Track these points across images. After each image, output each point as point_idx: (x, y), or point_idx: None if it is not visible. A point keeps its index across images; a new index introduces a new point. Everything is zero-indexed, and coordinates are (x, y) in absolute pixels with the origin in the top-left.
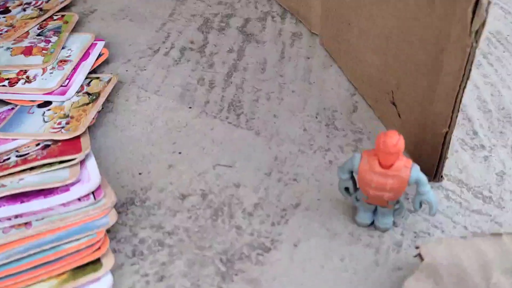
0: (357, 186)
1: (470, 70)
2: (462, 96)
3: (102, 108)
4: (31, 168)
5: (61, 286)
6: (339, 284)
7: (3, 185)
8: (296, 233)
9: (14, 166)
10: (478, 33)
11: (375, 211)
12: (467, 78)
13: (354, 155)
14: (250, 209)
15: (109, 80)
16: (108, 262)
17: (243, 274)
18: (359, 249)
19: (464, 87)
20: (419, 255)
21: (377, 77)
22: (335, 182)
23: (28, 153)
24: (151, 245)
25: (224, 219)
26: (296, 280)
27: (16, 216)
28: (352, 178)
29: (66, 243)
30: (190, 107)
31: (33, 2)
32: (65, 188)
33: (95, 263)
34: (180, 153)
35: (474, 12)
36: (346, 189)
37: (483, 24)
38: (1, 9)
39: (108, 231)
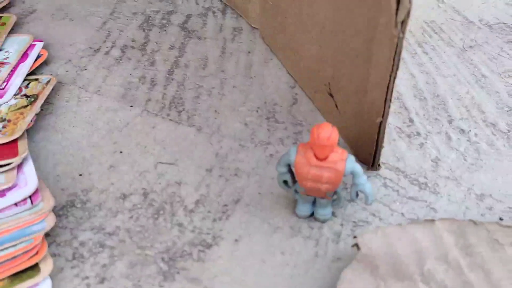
0: (295, 179)
1: (399, 60)
2: (393, 86)
3: (41, 110)
4: None
5: None
6: (280, 278)
7: None
8: (237, 229)
9: None
10: (404, 23)
11: (314, 203)
12: (397, 68)
13: (290, 149)
14: (192, 207)
15: (48, 81)
16: (47, 267)
17: (185, 272)
18: (300, 242)
19: (395, 77)
20: (356, 245)
21: (314, 69)
22: (275, 176)
23: None
24: (92, 248)
25: (166, 218)
26: (237, 276)
27: None
28: (290, 171)
29: (1, 250)
30: (131, 106)
31: None
32: (1, 193)
33: (33, 269)
34: (121, 152)
35: (398, 3)
36: (285, 182)
37: (408, 15)
38: None
39: (47, 235)
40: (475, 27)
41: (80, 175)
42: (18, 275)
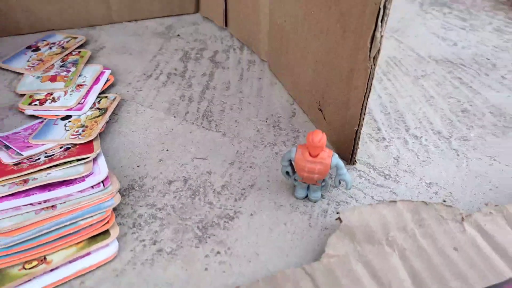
0: (295, 170)
1: (371, 85)
2: (367, 104)
3: (109, 119)
4: (56, 165)
5: (79, 252)
6: (283, 242)
7: (34, 178)
8: (252, 206)
9: (43, 164)
10: (375, 58)
11: (308, 188)
12: (370, 91)
13: (291, 149)
14: (219, 190)
15: (115, 99)
16: (114, 232)
17: (214, 237)
18: (298, 216)
19: (368, 97)
20: (339, 219)
21: (308, 91)
22: (279, 168)
23: (53, 154)
24: (147, 219)
25: (200, 198)
26: (252, 240)
27: (45, 201)
28: (291, 165)
29: (82, 219)
30: (174, 117)
31: (57, 42)
32: (82, 179)
33: (105, 234)
34: (167, 150)
35: (371, 43)
36: (287, 173)
37: (378, 52)
38: (33, 48)
39: (114, 209)
40: (425, 61)
41: (138, 166)
42: (94, 238)
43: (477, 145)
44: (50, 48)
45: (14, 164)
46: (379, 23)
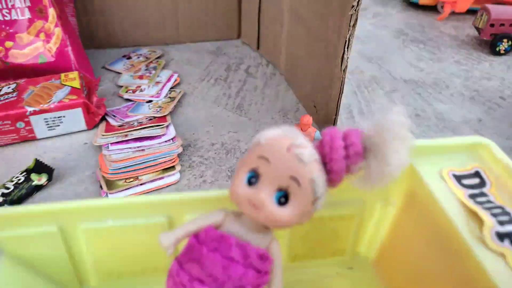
0: None
1: (342, 89)
2: (340, 101)
3: (176, 104)
4: (144, 128)
5: (157, 176)
6: None
7: (131, 134)
8: None
9: (136, 126)
10: (344, 71)
11: None
12: (342, 92)
13: (292, 126)
14: (243, 151)
15: (180, 92)
16: (178, 168)
17: None
18: None
19: (341, 95)
20: None
21: (309, 94)
22: None
23: (142, 121)
24: (197, 163)
25: (231, 154)
26: None
27: (139, 147)
28: None
29: (159, 158)
30: (218, 106)
31: (142, 54)
32: (159, 136)
33: (172, 168)
34: (212, 126)
35: (341, 61)
36: None
37: (346, 67)
38: (127, 57)
39: (178, 155)
40: (397, 81)
41: (193, 133)
42: (166, 170)
43: (420, 138)
44: (138, 57)
45: (119, 126)
46: (346, 49)
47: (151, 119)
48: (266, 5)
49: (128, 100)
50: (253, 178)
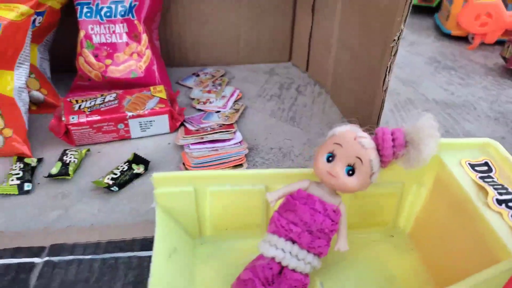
0: None
1: (384, 104)
2: (381, 116)
3: (240, 115)
4: (216, 132)
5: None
6: None
7: (206, 137)
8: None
9: (209, 131)
10: (385, 91)
11: None
12: (383, 108)
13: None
14: (297, 155)
15: (242, 105)
16: (245, 166)
17: None
18: None
19: (382, 110)
20: None
21: (352, 110)
22: None
23: (214, 127)
24: (259, 163)
25: (286, 158)
26: None
27: (213, 147)
28: None
29: (230, 157)
30: (274, 118)
31: (209, 72)
32: (229, 139)
33: (241, 166)
34: (270, 133)
35: (383, 84)
36: None
37: (387, 88)
38: (196, 74)
39: (245, 156)
40: (429, 102)
41: (255, 139)
42: (235, 167)
43: None
44: (205, 75)
45: (195, 130)
46: (387, 73)
47: (221, 126)
48: (316, 35)
49: (200, 110)
50: (330, 157)
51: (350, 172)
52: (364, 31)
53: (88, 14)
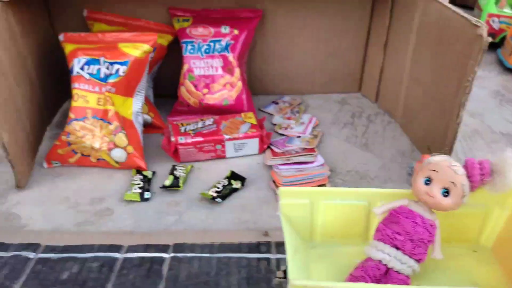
0: (412, 173)
1: (456, 135)
2: (454, 145)
3: (319, 141)
4: (300, 155)
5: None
6: None
7: (292, 159)
8: (391, 187)
9: (294, 154)
10: (458, 123)
11: None
12: (455, 138)
13: (413, 162)
14: (373, 177)
15: (320, 132)
16: (328, 186)
17: None
18: None
19: (454, 142)
20: None
21: (423, 139)
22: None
23: (298, 151)
24: (339, 183)
25: (363, 179)
26: None
27: (299, 168)
28: (411, 169)
29: (315, 177)
30: (349, 143)
31: (287, 100)
32: (312, 162)
33: (324, 185)
34: (346, 157)
35: (457, 117)
36: (409, 174)
37: (459, 122)
38: (276, 102)
39: (328, 177)
40: (496, 134)
41: (332, 162)
42: (320, 186)
43: None
44: (284, 103)
45: (281, 152)
46: (460, 109)
47: (303, 149)
48: (387, 69)
49: (282, 134)
50: (428, 181)
51: (445, 194)
52: (437, 69)
53: (191, 51)
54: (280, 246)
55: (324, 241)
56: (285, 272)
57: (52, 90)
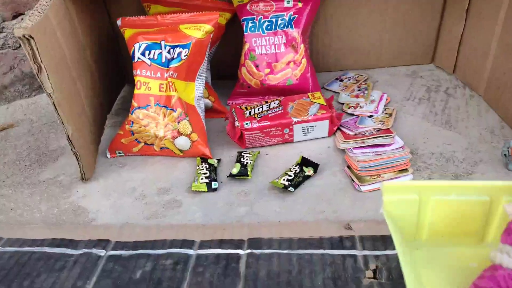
0: (510, 153)
1: None
2: None
3: (394, 119)
4: (376, 137)
5: (395, 175)
6: None
7: (367, 141)
8: (482, 171)
9: (369, 136)
10: None
11: None
12: None
13: (510, 141)
14: (461, 160)
15: (394, 109)
16: (410, 170)
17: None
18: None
19: None
20: None
21: None
22: (500, 152)
23: (372, 132)
24: (423, 168)
25: (451, 163)
26: None
27: (376, 152)
28: (508, 150)
29: (395, 161)
30: (428, 122)
31: (352, 77)
32: (389, 144)
33: (406, 170)
34: (427, 138)
35: None
36: (505, 155)
37: None
38: (340, 79)
39: (410, 160)
40: None
41: (412, 144)
42: (401, 171)
43: None
44: (348, 80)
45: (353, 135)
46: None
47: (378, 131)
48: (469, 37)
49: (351, 114)
50: None
51: None
52: None
53: (252, 29)
54: (366, 241)
55: (430, 241)
56: (374, 271)
57: (110, 78)
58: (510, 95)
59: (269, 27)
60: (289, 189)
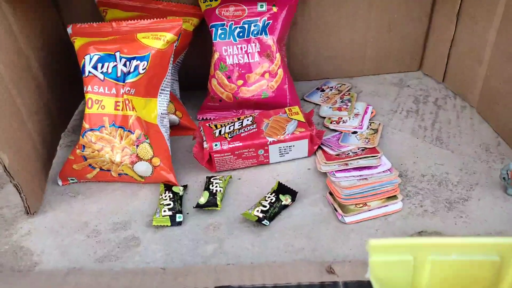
0: (509, 177)
1: None
2: None
3: (380, 136)
4: (360, 158)
5: (382, 203)
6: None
7: (351, 163)
8: (478, 194)
9: (353, 156)
10: None
11: None
12: None
13: (510, 163)
14: (455, 183)
15: (379, 124)
16: (399, 197)
17: (457, 208)
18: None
19: None
20: None
21: (510, 128)
22: (498, 174)
23: (356, 152)
24: (414, 193)
25: (444, 186)
26: (479, 213)
27: (361, 175)
28: (507, 173)
29: (382, 187)
30: (417, 138)
31: (333, 86)
32: (375, 167)
33: (394, 197)
34: (417, 157)
35: None
36: (504, 178)
37: None
38: (320, 89)
39: (399, 184)
40: None
41: (401, 164)
42: (389, 198)
43: None
44: (330, 90)
45: (336, 155)
46: None
47: (363, 150)
48: (460, 43)
49: (333, 130)
50: None
51: None
52: None
53: (222, 36)
54: None
55: None
56: None
57: (65, 90)
58: (506, 107)
59: (241, 34)
60: (263, 222)
